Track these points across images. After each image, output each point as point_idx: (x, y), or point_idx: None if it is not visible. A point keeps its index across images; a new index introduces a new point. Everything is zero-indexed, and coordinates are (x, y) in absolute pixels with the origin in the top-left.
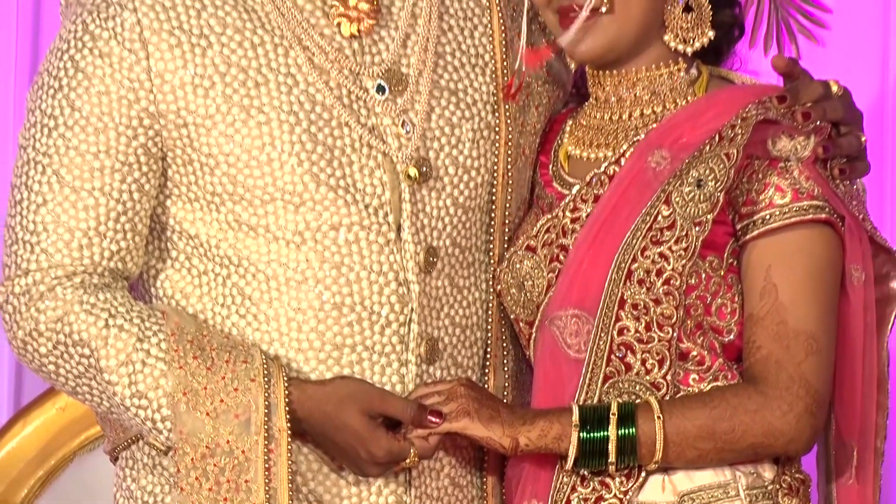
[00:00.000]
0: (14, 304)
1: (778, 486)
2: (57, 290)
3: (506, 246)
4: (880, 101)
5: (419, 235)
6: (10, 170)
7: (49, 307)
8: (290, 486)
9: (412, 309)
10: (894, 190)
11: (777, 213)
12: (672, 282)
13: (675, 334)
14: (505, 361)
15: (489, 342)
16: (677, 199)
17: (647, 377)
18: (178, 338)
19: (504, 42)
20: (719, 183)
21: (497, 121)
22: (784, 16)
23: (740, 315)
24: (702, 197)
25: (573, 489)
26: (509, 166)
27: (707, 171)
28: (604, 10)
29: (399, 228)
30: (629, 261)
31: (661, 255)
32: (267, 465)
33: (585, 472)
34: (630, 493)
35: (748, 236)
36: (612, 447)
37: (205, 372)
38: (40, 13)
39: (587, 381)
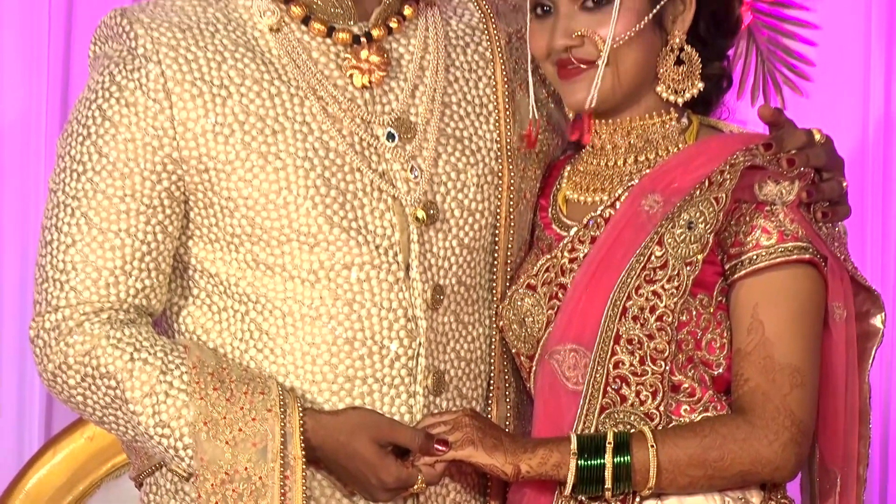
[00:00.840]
0: (44, 338)
1: None
2: (85, 325)
3: (508, 284)
4: (861, 149)
5: (427, 274)
6: (42, 213)
7: (78, 341)
8: None
9: (420, 343)
10: (874, 232)
11: (763, 253)
12: (664, 318)
13: (667, 368)
14: (507, 393)
15: (492, 375)
16: (669, 240)
17: (642, 408)
18: (200, 370)
19: (507, 93)
20: (709, 225)
21: (500, 167)
22: (770, 69)
23: (729, 349)
24: (692, 238)
25: None
26: (511, 209)
27: (697, 214)
28: (599, 62)
29: (408, 267)
30: (624, 298)
31: (655, 293)
32: (283, 491)
33: (583, 498)
34: None
35: (736, 275)
36: (608, 474)
37: (224, 403)
38: (70, 64)
39: (584, 411)
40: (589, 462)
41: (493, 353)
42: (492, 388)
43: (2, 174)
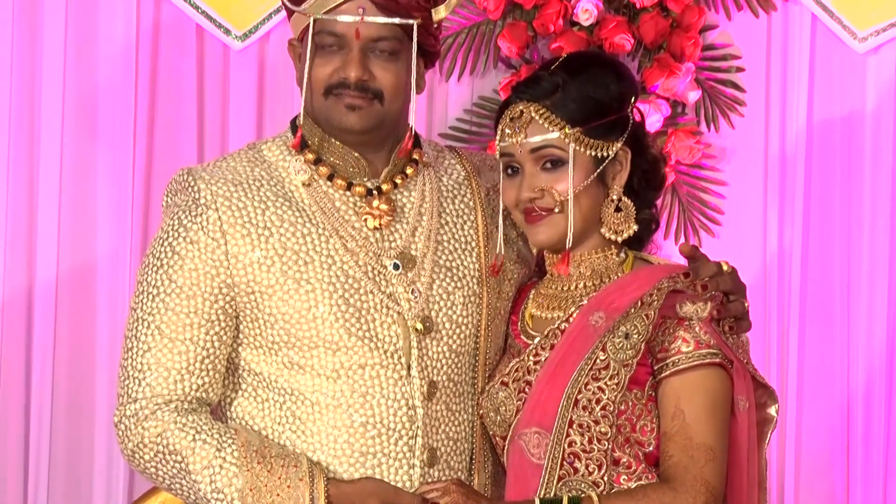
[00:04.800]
0: (126, 423)
1: None
2: (157, 413)
3: (486, 381)
4: (762, 277)
5: (424, 373)
6: (125, 326)
7: (152, 426)
8: None
9: (418, 427)
10: (770, 342)
11: (684, 357)
12: (607, 408)
13: (610, 446)
14: (486, 465)
15: (474, 451)
16: (611, 347)
17: (590, 478)
18: (247, 448)
19: (486, 233)
20: (641, 336)
21: (481, 290)
22: (689, 216)
23: (657, 432)
24: (629, 346)
25: None
26: (489, 323)
27: (633, 327)
28: (556, 210)
29: (409, 367)
30: (576, 392)
31: (599, 388)
32: None
33: None
34: None
35: (662, 375)
36: None
37: (266, 474)
38: (149, 212)
39: (546, 480)
40: None
41: (475, 434)
42: (474, 461)
43: (96, 297)
